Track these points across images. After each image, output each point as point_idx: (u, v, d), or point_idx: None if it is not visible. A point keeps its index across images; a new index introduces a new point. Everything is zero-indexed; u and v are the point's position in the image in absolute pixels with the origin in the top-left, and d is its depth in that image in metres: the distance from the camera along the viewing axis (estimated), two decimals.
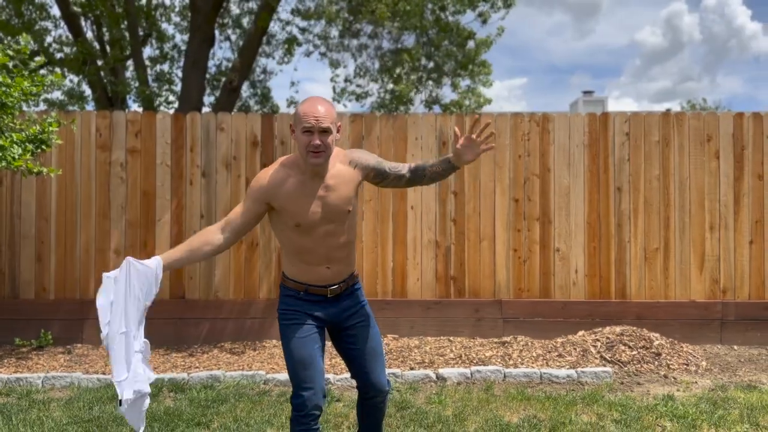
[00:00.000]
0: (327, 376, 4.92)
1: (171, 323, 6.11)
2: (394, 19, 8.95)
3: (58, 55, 9.35)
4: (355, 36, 10.27)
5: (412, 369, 5.25)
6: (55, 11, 9.64)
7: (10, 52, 3.92)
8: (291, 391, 2.68)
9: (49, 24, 10.16)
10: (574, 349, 5.60)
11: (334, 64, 10.70)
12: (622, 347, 5.55)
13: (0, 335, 6.02)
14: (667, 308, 6.18)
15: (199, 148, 6.24)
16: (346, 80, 11.16)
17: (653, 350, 5.52)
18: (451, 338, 6.14)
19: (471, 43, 10.05)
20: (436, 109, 10.72)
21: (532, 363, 5.39)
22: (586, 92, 24.24)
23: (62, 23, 9.63)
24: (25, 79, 4.14)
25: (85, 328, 6.08)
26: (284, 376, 4.99)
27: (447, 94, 11.52)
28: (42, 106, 10.95)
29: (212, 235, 2.59)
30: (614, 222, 6.29)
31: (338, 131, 2.64)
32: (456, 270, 6.29)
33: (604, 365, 5.32)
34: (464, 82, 10.90)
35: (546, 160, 6.33)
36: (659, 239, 6.27)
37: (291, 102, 11.61)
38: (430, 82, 10.49)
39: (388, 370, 5.06)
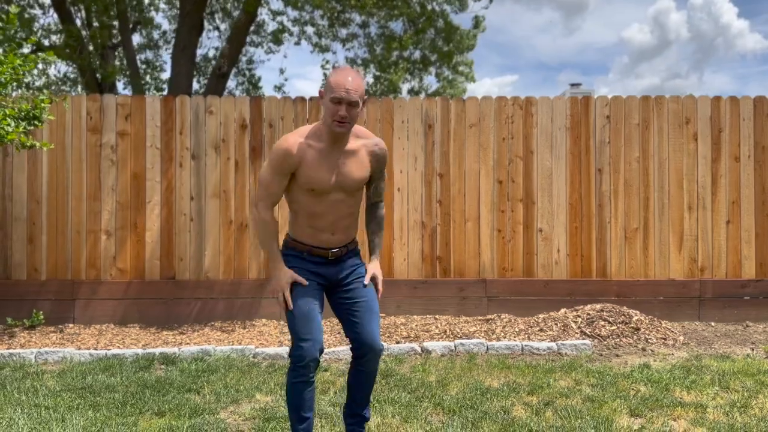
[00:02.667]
0: None
1: (162, 303, 6.21)
2: (380, 8, 9.07)
3: (46, 42, 9.40)
4: (344, 25, 10.39)
5: (398, 343, 5.39)
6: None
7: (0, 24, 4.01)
8: (280, 362, 2.80)
9: (38, 12, 10.23)
10: (556, 324, 5.75)
11: (323, 49, 10.80)
12: (602, 323, 5.71)
13: None
14: (646, 286, 6.35)
15: (189, 131, 6.34)
16: (334, 66, 11.28)
17: (632, 325, 5.69)
18: (437, 316, 6.28)
19: (455, 36, 10.19)
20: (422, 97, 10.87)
21: (515, 337, 5.54)
22: (573, 84, 24.49)
23: (51, 11, 9.70)
24: (17, 57, 4.24)
25: (77, 308, 6.17)
26: (273, 349, 5.11)
27: (432, 84, 11.72)
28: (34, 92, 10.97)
29: (275, 223, 2.82)
30: (595, 203, 6.45)
31: (364, 104, 2.72)
32: (442, 250, 6.43)
33: (584, 339, 5.47)
34: (448, 73, 11.05)
35: (529, 143, 6.48)
36: (639, 219, 6.44)
37: (279, 87, 11.69)
38: (416, 72, 10.62)
39: None
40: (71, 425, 3.33)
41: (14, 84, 4.53)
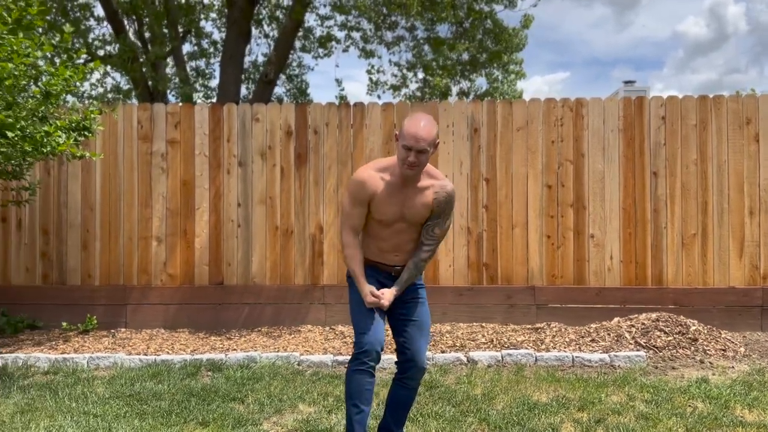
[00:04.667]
0: None
1: (210, 308, 6.29)
2: (424, 11, 8.98)
3: (101, 53, 9.69)
4: (391, 28, 10.34)
5: (443, 352, 5.30)
6: (99, 11, 9.99)
7: (54, 42, 4.13)
8: (324, 370, 2.82)
9: (93, 23, 10.55)
10: (608, 334, 5.55)
11: (369, 54, 10.79)
12: (658, 333, 5.48)
13: (49, 319, 6.30)
14: (705, 295, 6.06)
15: (236, 139, 6.40)
16: (378, 71, 11.27)
17: (690, 336, 5.44)
18: (483, 324, 6.15)
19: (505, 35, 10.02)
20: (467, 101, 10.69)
21: (565, 347, 5.37)
22: (627, 82, 23.73)
23: (105, 22, 9.99)
24: (67, 69, 4.35)
25: (128, 312, 6.31)
26: (318, 357, 5.10)
27: (482, 85, 11.55)
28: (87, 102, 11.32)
29: (359, 248, 3.05)
30: (650, 207, 6.21)
31: (435, 148, 2.94)
32: (488, 256, 6.31)
33: (639, 350, 5.26)
34: (498, 74, 10.87)
35: (580, 146, 6.29)
36: (697, 225, 6.16)
37: (342, 98, 11.68)
38: (465, 74, 10.48)
39: None
40: None
41: (67, 95, 4.65)
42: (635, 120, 6.24)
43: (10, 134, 4.05)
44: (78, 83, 4.90)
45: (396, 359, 3.08)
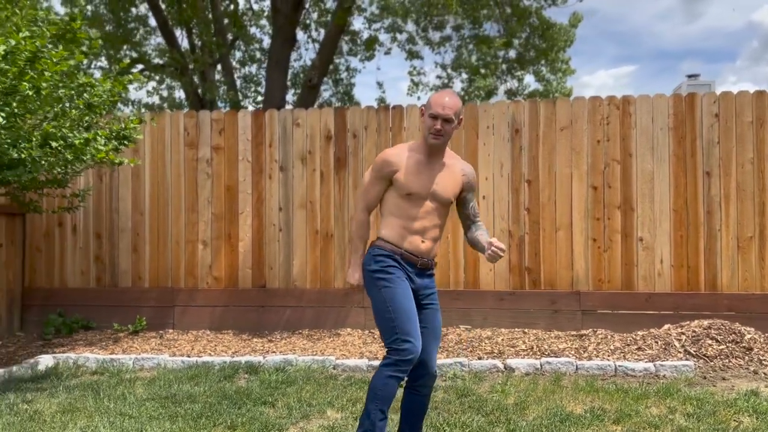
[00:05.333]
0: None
1: (253, 310, 6.40)
2: (475, 10, 8.86)
3: (155, 62, 10.04)
4: (438, 28, 10.25)
5: (479, 359, 5.21)
6: (153, 21, 10.33)
7: (97, 52, 4.29)
8: (358, 375, 2.78)
9: (145, 33, 10.90)
10: (656, 342, 5.33)
11: (413, 55, 10.73)
12: (709, 341, 5.22)
13: (102, 320, 6.55)
14: (763, 300, 5.73)
15: (277, 144, 6.49)
16: (419, 73, 11.19)
17: (744, 345, 5.15)
18: (526, 330, 6.01)
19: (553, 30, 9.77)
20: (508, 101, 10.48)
21: (608, 356, 5.18)
22: (690, 76, 22.75)
23: (158, 31, 10.32)
24: (109, 81, 4.51)
25: (176, 314, 6.49)
26: (353, 361, 5.10)
27: (530, 84, 11.31)
28: (129, 108, 11.71)
29: (369, 225, 3.08)
30: (703, 209, 5.91)
31: (459, 123, 3.00)
32: (530, 260, 6.16)
33: (687, 359, 5.02)
34: (545, 72, 10.61)
35: (627, 145, 6.06)
36: (754, 227, 5.83)
37: (382, 101, 11.75)
38: (512, 72, 10.28)
39: (455, 359, 5.07)
40: None
41: (109, 105, 4.82)
42: (686, 117, 5.96)
43: (54, 143, 4.23)
44: (122, 93, 5.07)
45: None
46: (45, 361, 5.29)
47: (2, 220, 6.43)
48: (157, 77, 10.30)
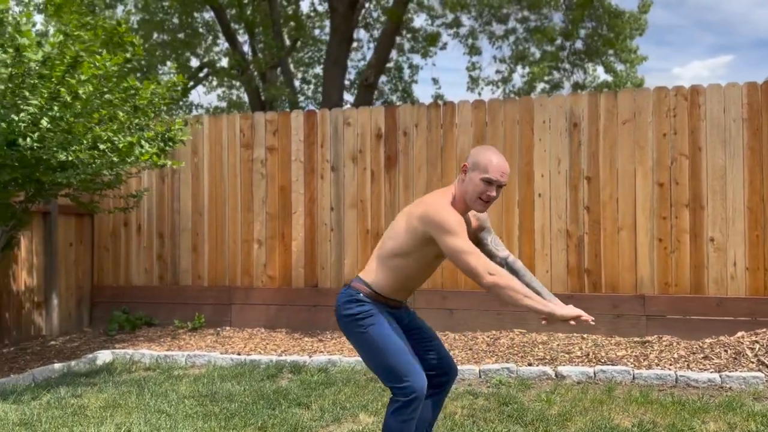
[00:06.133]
0: None
1: (306, 310, 6.42)
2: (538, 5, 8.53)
3: (221, 66, 10.32)
4: (502, 21, 9.96)
5: (530, 365, 4.97)
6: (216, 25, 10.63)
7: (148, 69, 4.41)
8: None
9: (213, 38, 11.23)
10: (725, 351, 4.91)
11: (474, 51, 10.48)
12: None
13: (164, 317, 6.77)
14: None
15: (329, 143, 6.47)
16: (475, 67, 10.89)
17: None
18: (585, 335, 5.70)
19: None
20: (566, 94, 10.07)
21: (670, 365, 4.82)
22: None
23: (220, 33, 10.58)
24: (152, 83, 4.63)
25: (233, 312, 6.61)
26: None
27: (600, 75, 10.79)
28: (200, 111, 12.04)
29: (507, 272, 2.63)
30: None
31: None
32: (590, 262, 5.84)
33: (760, 370, 4.59)
34: (613, 61, 10.07)
35: (696, 138, 5.63)
36: None
37: (440, 98, 11.60)
38: (579, 63, 9.83)
39: (502, 365, 4.87)
40: None
41: (159, 107, 4.95)
42: (762, 108, 5.47)
43: (101, 146, 4.37)
44: (174, 95, 5.19)
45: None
46: (103, 356, 5.50)
47: (72, 221, 6.76)
48: (225, 81, 10.60)
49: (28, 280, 6.24)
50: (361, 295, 2.73)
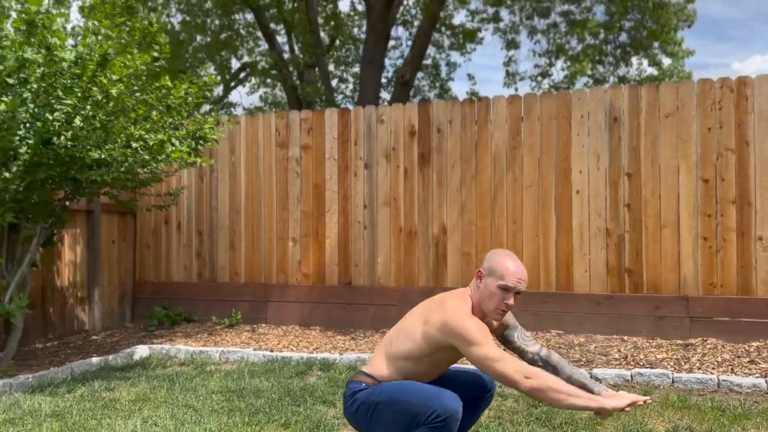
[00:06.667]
0: None
1: (340, 307, 6.42)
2: None
3: (261, 66, 10.44)
4: (544, 15, 9.74)
5: None
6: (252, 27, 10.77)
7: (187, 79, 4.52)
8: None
9: (254, 40, 11.39)
10: None
11: (512, 45, 10.28)
12: None
13: (202, 313, 6.88)
14: None
15: (362, 141, 6.45)
16: (512, 61, 10.67)
17: None
18: (625, 338, 5.51)
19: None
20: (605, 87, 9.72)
21: (713, 369, 4.60)
22: None
23: (260, 33, 10.71)
24: (183, 83, 4.70)
25: (269, 309, 6.66)
26: None
27: (646, 69, 10.39)
28: (240, 111, 12.19)
29: (544, 372, 2.51)
30: None
31: None
32: (631, 261, 5.63)
33: None
34: (657, 53, 9.70)
35: (743, 132, 5.36)
36: None
37: (474, 94, 11.46)
38: (626, 57, 9.51)
39: None
40: (201, 429, 3.54)
41: (193, 107, 5.02)
42: None
43: (134, 144, 4.46)
44: (207, 94, 5.26)
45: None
46: (140, 351, 5.62)
47: (115, 219, 6.94)
48: (266, 81, 10.73)
49: (72, 276, 6.43)
50: (366, 386, 2.66)
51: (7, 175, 4.09)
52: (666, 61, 10.01)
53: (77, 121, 4.06)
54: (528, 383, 2.36)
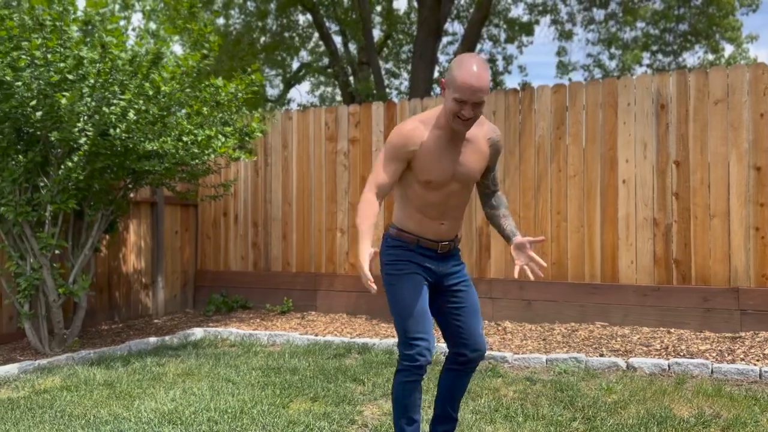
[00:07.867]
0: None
1: (384, 297, 6.53)
2: None
3: (317, 65, 10.74)
4: (603, 6, 9.54)
5: (601, 356, 4.78)
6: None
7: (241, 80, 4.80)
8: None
9: (315, 40, 11.72)
10: None
11: (567, 36, 10.09)
12: None
13: (257, 301, 7.19)
14: None
15: None
16: (566, 51, 10.44)
17: None
18: (672, 330, 5.38)
19: None
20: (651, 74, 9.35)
21: (757, 361, 4.44)
22: None
23: (316, 33, 11.00)
24: (234, 81, 4.98)
25: (318, 298, 6.89)
26: None
27: (710, 58, 9.91)
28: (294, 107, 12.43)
29: (376, 206, 2.59)
30: None
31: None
32: (679, 252, 5.49)
33: None
34: (723, 44, 9.28)
35: None
36: None
37: (524, 86, 11.32)
38: (687, 45, 9.16)
39: (569, 354, 4.73)
40: (234, 399, 3.77)
41: (241, 102, 5.30)
42: None
43: (185, 138, 4.76)
44: (256, 91, 5.53)
45: (449, 349, 2.80)
46: (196, 333, 5.95)
47: (177, 210, 7.36)
48: (323, 79, 11.03)
49: (137, 263, 6.88)
50: (389, 239, 2.73)
51: (69, 164, 4.47)
52: (729, 48, 9.60)
53: (131, 114, 4.39)
54: (363, 197, 2.58)
